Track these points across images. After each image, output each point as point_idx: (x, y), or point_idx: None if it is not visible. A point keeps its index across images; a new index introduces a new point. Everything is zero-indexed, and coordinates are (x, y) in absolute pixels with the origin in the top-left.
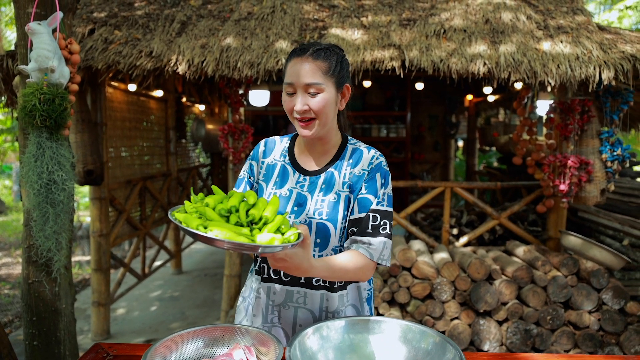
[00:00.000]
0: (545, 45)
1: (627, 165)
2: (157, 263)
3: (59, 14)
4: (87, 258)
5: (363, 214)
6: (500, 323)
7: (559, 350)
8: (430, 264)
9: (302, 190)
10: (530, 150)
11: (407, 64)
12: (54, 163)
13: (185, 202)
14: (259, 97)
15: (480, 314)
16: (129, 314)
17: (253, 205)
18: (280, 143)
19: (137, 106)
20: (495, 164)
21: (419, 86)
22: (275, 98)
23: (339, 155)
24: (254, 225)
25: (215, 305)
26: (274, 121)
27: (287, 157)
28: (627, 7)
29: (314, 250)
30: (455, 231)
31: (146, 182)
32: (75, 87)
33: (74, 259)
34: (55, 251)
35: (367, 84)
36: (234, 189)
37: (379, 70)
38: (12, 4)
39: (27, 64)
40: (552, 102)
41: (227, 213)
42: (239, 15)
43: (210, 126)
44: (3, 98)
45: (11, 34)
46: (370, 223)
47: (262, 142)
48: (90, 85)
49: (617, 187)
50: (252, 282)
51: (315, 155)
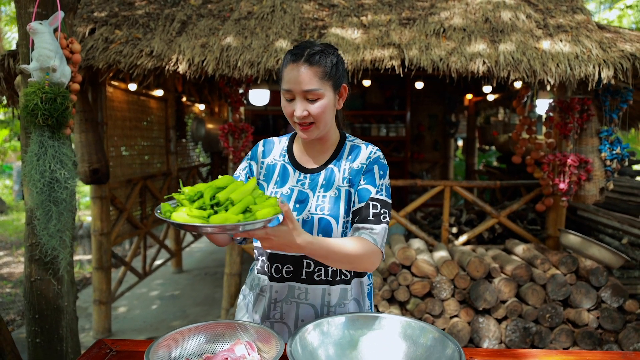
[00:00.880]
0: (545, 44)
1: (626, 164)
2: (157, 262)
3: (60, 14)
4: (88, 257)
5: (363, 203)
6: (499, 321)
7: (557, 348)
8: (430, 263)
9: (303, 188)
10: (530, 149)
11: (406, 63)
12: (56, 162)
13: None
14: (259, 97)
15: (479, 312)
16: (130, 312)
17: (223, 189)
18: (279, 143)
19: (137, 105)
20: (495, 163)
21: (419, 85)
22: (275, 97)
23: (337, 153)
24: (217, 207)
25: (216, 303)
26: (273, 120)
27: (287, 157)
28: (627, 7)
29: None
30: (454, 230)
31: (146, 182)
32: (76, 86)
33: (75, 257)
34: (59, 249)
35: (366, 83)
36: None
37: (379, 69)
38: (12, 4)
39: (28, 64)
40: (551, 101)
41: (196, 198)
42: (239, 15)
43: (210, 125)
44: (5, 97)
45: (11, 34)
46: (372, 211)
47: (261, 142)
48: (90, 85)
49: (616, 185)
50: (253, 280)
51: (315, 154)
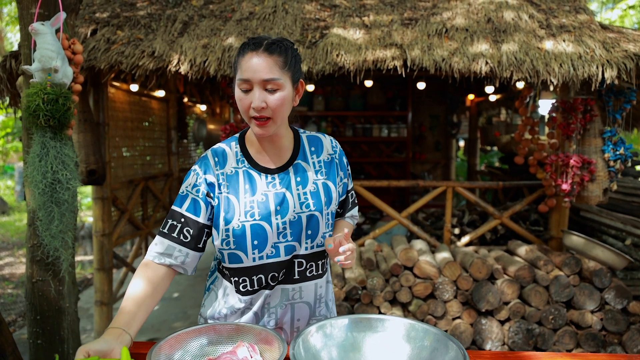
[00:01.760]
0: (548, 44)
1: (630, 164)
2: None
3: (62, 15)
4: (89, 258)
5: (344, 196)
6: (502, 322)
7: (561, 350)
8: (432, 264)
9: (277, 190)
10: (533, 149)
11: (408, 64)
12: (58, 162)
13: None
14: None
15: (482, 313)
16: None
17: None
18: (230, 149)
19: (138, 106)
20: (497, 164)
21: (421, 86)
22: None
23: (298, 148)
24: None
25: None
26: None
27: (246, 162)
28: (629, 7)
29: (305, 242)
30: (457, 231)
31: (148, 182)
32: (78, 87)
33: (77, 258)
34: (62, 250)
35: (368, 83)
36: (175, 207)
37: (381, 69)
38: (13, 5)
39: (30, 64)
40: (554, 101)
41: None
42: (241, 15)
43: (211, 126)
44: (7, 98)
45: (13, 35)
46: (350, 200)
47: (209, 154)
48: (92, 86)
49: (620, 186)
50: (224, 301)
51: (273, 152)
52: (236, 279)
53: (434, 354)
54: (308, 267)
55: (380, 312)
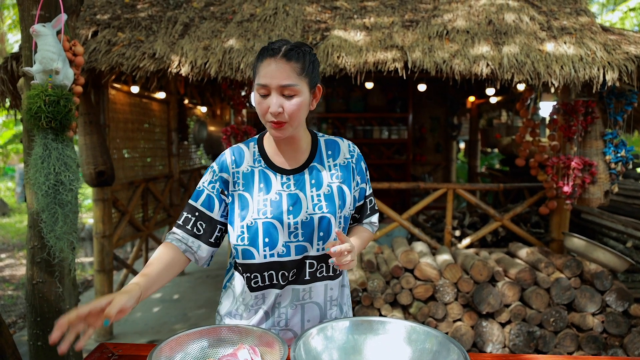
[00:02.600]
0: (549, 46)
1: (631, 167)
2: None
3: (63, 16)
4: (90, 259)
5: (362, 202)
6: (503, 325)
7: (562, 353)
8: (433, 266)
9: (291, 190)
10: (533, 151)
11: (409, 66)
12: (61, 164)
13: None
14: None
15: (483, 315)
16: (131, 315)
17: None
18: (248, 149)
19: (139, 108)
20: (498, 166)
21: (421, 88)
22: None
23: (315, 150)
24: None
25: (217, 306)
26: None
27: (263, 162)
28: (630, 9)
29: (317, 244)
30: (457, 233)
31: (148, 184)
32: (79, 88)
33: (77, 260)
34: (68, 251)
35: (369, 85)
36: (192, 202)
37: (382, 71)
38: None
39: (31, 66)
40: (555, 103)
41: None
42: (242, 17)
43: (212, 128)
44: (7, 100)
45: (13, 37)
46: (368, 206)
47: (228, 152)
48: (93, 87)
49: (621, 188)
50: (242, 298)
51: (290, 154)
52: (248, 275)
53: (435, 356)
54: (319, 267)
55: (380, 315)
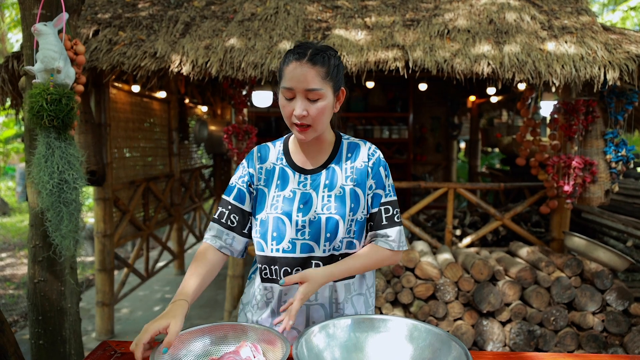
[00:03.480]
0: (550, 46)
1: (632, 166)
2: (160, 264)
3: (64, 15)
4: (91, 259)
5: (376, 209)
6: (503, 324)
7: (562, 351)
8: (434, 265)
9: (306, 189)
10: (534, 151)
11: (410, 65)
12: (64, 162)
13: None
14: (263, 98)
15: (483, 314)
16: (132, 314)
17: None
18: (274, 147)
19: (140, 107)
20: (498, 165)
21: (422, 87)
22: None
23: (336, 152)
24: None
25: (219, 305)
26: (276, 122)
27: (285, 160)
28: (630, 8)
29: (324, 245)
30: (458, 232)
31: (149, 183)
32: (80, 87)
33: (78, 259)
34: (74, 249)
35: (369, 85)
36: (224, 196)
37: (383, 71)
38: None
39: (33, 65)
40: (556, 102)
41: None
42: (243, 16)
43: (212, 127)
44: (9, 99)
45: (14, 36)
46: (384, 215)
47: (255, 149)
48: (94, 87)
49: (621, 188)
50: (258, 289)
51: (312, 155)
52: (260, 265)
53: (437, 354)
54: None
55: (381, 313)
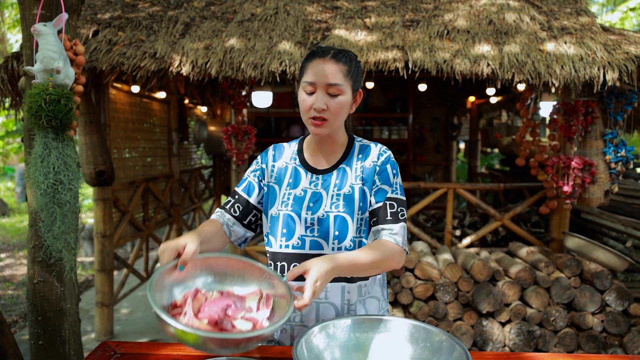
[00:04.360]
0: (549, 46)
1: (631, 166)
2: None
3: (64, 15)
4: (90, 259)
5: (380, 203)
6: (503, 324)
7: (561, 352)
8: (433, 265)
9: (317, 189)
10: (534, 151)
11: (410, 65)
12: (60, 163)
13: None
14: (262, 99)
15: (483, 315)
16: (132, 314)
17: None
18: (289, 147)
19: (140, 108)
20: (498, 166)
21: (422, 87)
22: (278, 99)
23: (348, 153)
24: None
25: None
26: (276, 123)
27: (298, 159)
28: (630, 9)
29: (333, 242)
30: (457, 232)
31: (149, 184)
32: (80, 88)
33: (78, 259)
34: (65, 252)
35: (369, 85)
36: (235, 188)
37: (382, 71)
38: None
39: (32, 65)
40: (555, 103)
41: None
42: (242, 17)
43: (212, 128)
44: (8, 99)
45: (13, 37)
46: (389, 210)
47: (272, 147)
48: (94, 87)
49: (621, 188)
50: None
51: (325, 155)
52: (270, 262)
53: (436, 354)
54: None
55: None
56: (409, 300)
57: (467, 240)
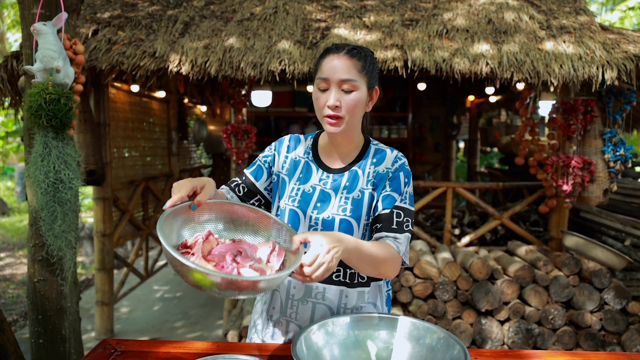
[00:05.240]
0: (548, 45)
1: (630, 165)
2: (159, 263)
3: (63, 15)
4: (90, 258)
5: (387, 210)
6: (502, 322)
7: (560, 350)
8: (433, 264)
9: (325, 188)
10: (533, 150)
11: (409, 64)
12: (61, 162)
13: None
14: (262, 98)
15: (482, 313)
16: (132, 313)
17: None
18: (305, 141)
19: (139, 107)
20: (497, 165)
21: (421, 87)
22: (278, 99)
23: (362, 155)
24: None
25: (218, 304)
26: (275, 122)
27: (311, 155)
28: (629, 8)
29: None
30: (457, 231)
31: (149, 183)
32: (79, 87)
33: (78, 258)
34: (66, 250)
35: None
36: (245, 170)
37: (382, 70)
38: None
39: (32, 65)
40: (554, 102)
41: None
42: (242, 16)
43: (212, 127)
44: (8, 99)
45: (13, 36)
46: (395, 219)
47: (287, 137)
48: (93, 86)
49: (620, 187)
50: None
51: (339, 154)
52: None
53: (435, 352)
54: (335, 271)
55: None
56: (408, 299)
57: (466, 239)
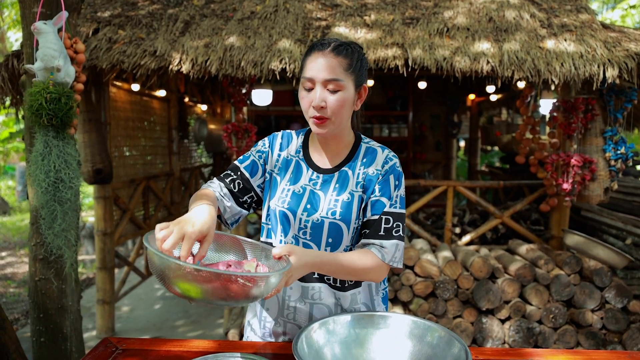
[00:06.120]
0: (549, 44)
1: (631, 164)
2: None
3: (64, 14)
4: (91, 257)
5: (376, 216)
6: (502, 321)
7: (561, 348)
8: (433, 263)
9: (315, 188)
10: (533, 149)
11: (410, 63)
12: (61, 161)
13: None
14: (262, 97)
15: (482, 312)
16: (133, 312)
17: None
18: (296, 138)
19: (140, 106)
20: (498, 164)
21: (422, 85)
22: (278, 98)
23: (352, 154)
24: None
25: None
26: (276, 121)
27: (302, 153)
28: (630, 7)
29: (325, 249)
30: (457, 230)
31: (149, 182)
32: (80, 86)
33: (79, 257)
34: (65, 249)
35: (369, 83)
36: (236, 162)
37: (382, 69)
38: (13, 6)
39: (33, 64)
40: (555, 100)
41: None
42: (242, 15)
43: (212, 126)
44: (9, 98)
45: (14, 35)
46: (383, 226)
47: (280, 134)
48: (94, 85)
49: (621, 186)
50: None
51: (329, 154)
52: None
53: (436, 350)
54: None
55: None
56: (409, 298)
57: (466, 238)
